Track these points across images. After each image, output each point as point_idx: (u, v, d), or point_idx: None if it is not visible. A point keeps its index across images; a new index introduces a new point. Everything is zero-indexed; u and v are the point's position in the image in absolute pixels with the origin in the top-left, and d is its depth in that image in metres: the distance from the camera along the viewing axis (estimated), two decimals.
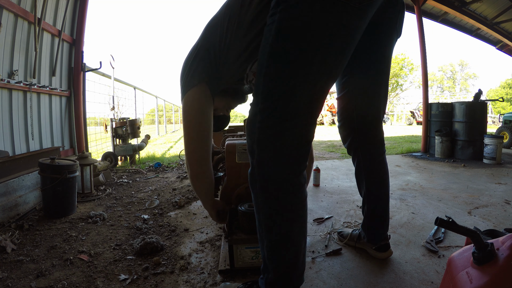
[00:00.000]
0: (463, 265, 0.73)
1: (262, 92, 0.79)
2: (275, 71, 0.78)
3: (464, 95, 27.11)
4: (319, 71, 0.77)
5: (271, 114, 0.78)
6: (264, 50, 0.80)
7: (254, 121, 0.80)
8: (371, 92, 1.17)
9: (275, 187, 0.80)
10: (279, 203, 0.81)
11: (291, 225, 0.83)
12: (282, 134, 0.77)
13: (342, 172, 3.31)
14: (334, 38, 0.76)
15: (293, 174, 0.80)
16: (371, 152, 1.24)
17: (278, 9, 0.77)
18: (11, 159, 2.18)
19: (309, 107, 0.79)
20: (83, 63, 3.53)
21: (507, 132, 5.68)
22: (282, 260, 0.85)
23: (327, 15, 0.73)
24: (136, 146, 4.15)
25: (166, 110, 13.18)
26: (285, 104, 0.77)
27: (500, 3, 5.17)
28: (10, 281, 1.18)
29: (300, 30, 0.75)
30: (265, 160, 0.79)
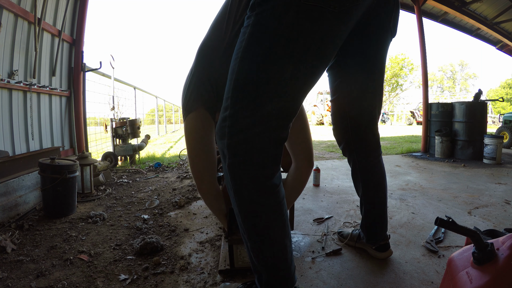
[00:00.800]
0: (463, 265, 0.73)
1: (232, 97, 0.77)
2: (245, 77, 0.76)
3: (464, 95, 27.11)
4: (291, 79, 0.75)
5: (240, 120, 0.76)
6: (236, 54, 0.78)
7: (223, 126, 0.79)
8: (365, 94, 1.16)
9: (247, 191, 0.78)
10: (254, 206, 0.80)
11: (270, 226, 0.82)
12: (251, 139, 0.75)
13: (342, 172, 3.31)
14: (308, 45, 0.73)
15: (265, 177, 0.78)
16: (367, 155, 1.24)
17: (254, 13, 0.76)
18: (11, 159, 2.18)
19: (280, 113, 0.76)
20: (83, 63, 3.53)
21: (507, 132, 5.68)
22: (268, 260, 0.84)
23: (302, 21, 0.71)
24: (136, 146, 4.15)
25: (166, 110, 13.18)
26: (255, 110, 0.75)
27: (500, 3, 5.17)
28: (10, 281, 1.18)
29: (273, 36, 0.73)
30: (236, 164, 0.77)
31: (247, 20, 0.78)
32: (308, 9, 0.70)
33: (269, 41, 0.73)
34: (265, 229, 0.82)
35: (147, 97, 8.67)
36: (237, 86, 0.77)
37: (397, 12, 1.06)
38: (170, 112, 14.78)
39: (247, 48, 0.76)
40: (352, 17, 0.78)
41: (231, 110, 0.77)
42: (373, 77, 1.13)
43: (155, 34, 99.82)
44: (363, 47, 1.07)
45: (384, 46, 1.10)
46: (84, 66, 3.56)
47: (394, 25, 1.07)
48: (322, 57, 0.78)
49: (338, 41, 0.79)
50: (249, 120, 0.75)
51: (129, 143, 4.14)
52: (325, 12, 0.71)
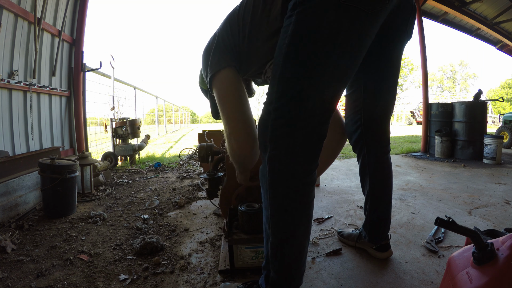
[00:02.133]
0: (463, 265, 0.73)
1: (276, 91, 0.82)
2: (290, 72, 0.80)
3: (464, 95, 27.11)
4: (332, 75, 0.79)
5: (284, 113, 0.80)
6: (280, 51, 0.82)
7: (267, 120, 0.83)
8: (380, 92, 1.18)
9: (285, 184, 0.81)
10: (288, 201, 0.82)
11: (297, 224, 0.84)
12: (294, 133, 0.79)
13: (342, 172, 3.31)
14: (347, 43, 0.78)
15: (303, 172, 0.82)
16: (377, 150, 1.25)
17: (295, 12, 0.79)
18: (11, 159, 2.18)
19: (321, 108, 0.81)
20: (83, 63, 3.53)
21: (507, 132, 5.68)
22: (285, 258, 0.85)
23: (341, 21, 0.76)
24: (136, 146, 4.15)
25: (166, 110, 13.19)
26: (298, 104, 0.79)
27: (500, 3, 5.17)
28: (10, 281, 1.18)
29: (315, 34, 0.77)
30: (277, 157, 0.81)
31: (288, 19, 0.81)
32: (346, 9, 0.75)
33: (312, 38, 0.77)
34: (292, 227, 0.84)
35: (147, 97, 8.68)
36: (282, 81, 0.81)
37: (413, 16, 1.09)
38: (170, 112, 14.78)
39: (291, 44, 0.79)
40: (380, 19, 0.83)
41: (276, 104, 0.81)
42: (389, 76, 1.16)
43: (155, 34, 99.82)
44: (382, 47, 1.09)
45: (401, 47, 1.13)
46: (84, 66, 3.56)
47: (410, 28, 1.11)
48: (357, 54, 0.82)
49: (369, 40, 0.84)
50: (293, 114, 0.79)
51: (129, 143, 4.14)
52: (360, 12, 0.76)
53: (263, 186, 0.86)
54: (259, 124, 0.87)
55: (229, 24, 1.06)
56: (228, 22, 1.06)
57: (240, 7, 1.05)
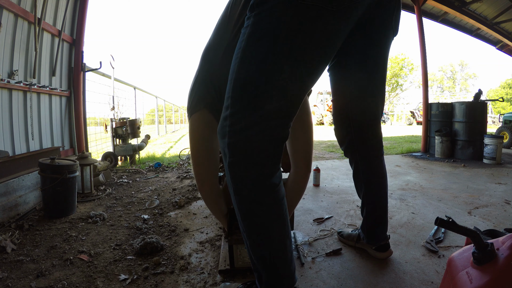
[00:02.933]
0: (463, 265, 0.73)
1: (232, 96, 0.78)
2: (245, 76, 0.77)
3: (464, 95, 27.12)
4: (290, 78, 0.75)
5: (240, 119, 0.77)
6: (236, 54, 0.79)
7: (224, 125, 0.79)
8: (368, 93, 1.15)
9: (248, 189, 0.79)
10: (254, 205, 0.80)
11: (269, 225, 0.82)
12: (251, 138, 0.76)
13: (342, 172, 3.31)
14: (306, 45, 0.74)
15: (264, 176, 0.79)
16: (369, 154, 1.23)
17: (253, 14, 0.76)
18: (11, 159, 2.18)
19: (279, 112, 0.77)
20: (83, 63, 3.53)
21: (507, 132, 5.68)
22: (267, 259, 0.84)
23: (300, 21, 0.72)
24: (136, 146, 4.15)
25: (166, 110, 13.19)
26: (254, 109, 0.76)
27: (500, 3, 5.17)
28: (10, 281, 1.18)
29: (272, 36, 0.73)
30: (236, 163, 0.78)
31: (247, 21, 0.79)
32: (306, 9, 0.71)
33: (268, 41, 0.74)
34: (264, 228, 0.82)
35: (147, 97, 8.68)
36: (237, 86, 0.78)
37: (398, 11, 1.06)
38: (170, 112, 14.78)
39: (246, 48, 0.77)
40: (351, 16, 0.78)
41: (231, 110, 0.78)
42: (375, 76, 1.13)
43: (155, 34, 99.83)
44: (364, 47, 1.06)
45: (386, 45, 1.10)
46: (84, 66, 3.56)
47: (395, 24, 1.07)
48: (320, 57, 0.78)
49: (337, 40, 0.79)
50: (248, 120, 0.76)
51: (129, 143, 4.13)
52: (323, 11, 0.72)
53: (230, 192, 0.84)
54: (217, 130, 0.84)
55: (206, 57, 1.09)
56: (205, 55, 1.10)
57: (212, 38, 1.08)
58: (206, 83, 1.07)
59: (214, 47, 1.06)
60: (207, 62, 1.08)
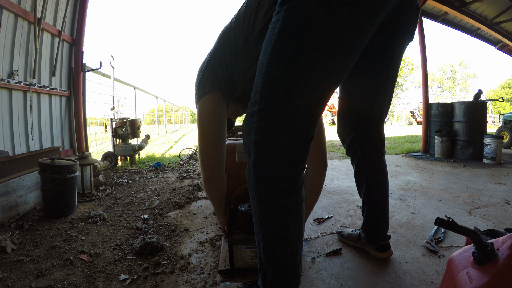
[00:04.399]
0: (463, 265, 0.73)
1: (261, 92, 0.77)
2: (275, 72, 0.75)
3: (464, 95, 27.13)
4: (321, 75, 0.74)
5: (269, 115, 0.75)
6: (265, 49, 0.78)
7: (251, 122, 0.78)
8: (377, 94, 1.15)
9: (271, 188, 0.78)
10: (275, 204, 0.79)
11: (287, 227, 0.81)
12: (279, 136, 0.75)
13: (342, 172, 3.31)
14: (338, 41, 0.73)
15: (289, 175, 0.78)
16: (371, 153, 1.23)
17: (283, 8, 0.75)
18: (11, 159, 2.18)
19: (308, 110, 0.76)
20: (83, 63, 3.53)
21: (507, 132, 5.68)
22: (278, 261, 0.84)
23: (333, 17, 0.71)
24: (136, 146, 4.15)
25: (166, 110, 13.19)
26: (283, 106, 0.74)
27: (500, 3, 5.17)
28: (10, 281, 1.18)
29: (304, 31, 0.72)
30: (262, 161, 0.77)
31: (276, 15, 0.77)
32: (338, 5, 0.70)
33: (300, 36, 0.72)
34: (281, 230, 0.81)
35: (147, 97, 8.69)
36: (266, 81, 0.76)
37: (417, 17, 1.05)
38: (170, 112, 14.78)
39: (277, 42, 0.75)
40: (379, 16, 0.77)
41: (260, 105, 0.76)
42: (386, 78, 1.12)
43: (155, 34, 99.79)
44: (381, 48, 1.06)
45: (401, 49, 1.09)
46: (84, 66, 3.56)
47: (413, 29, 1.07)
48: (350, 53, 0.77)
49: (365, 39, 0.79)
50: (277, 116, 0.74)
51: (129, 143, 4.14)
52: (354, 9, 0.71)
53: (251, 191, 0.82)
54: (243, 126, 0.83)
55: (222, 41, 1.06)
56: (220, 39, 1.06)
57: (231, 23, 1.04)
58: (221, 66, 1.03)
59: (234, 33, 1.02)
60: (222, 46, 1.04)
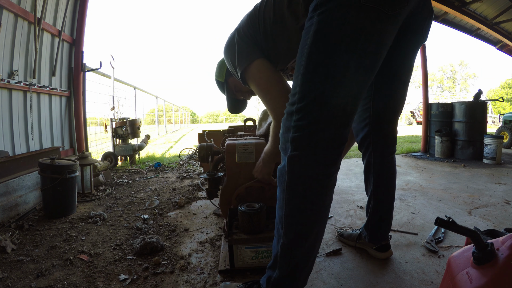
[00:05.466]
0: (463, 265, 0.73)
1: (299, 92, 0.81)
2: (312, 73, 0.80)
3: (464, 95, 27.10)
4: (354, 75, 0.79)
5: (307, 114, 0.80)
6: (302, 52, 0.83)
7: (290, 120, 0.83)
8: (392, 92, 1.18)
9: (303, 186, 0.81)
10: (304, 202, 0.82)
11: (311, 227, 0.83)
12: (315, 135, 0.79)
13: (342, 172, 3.31)
14: (369, 44, 0.78)
15: (323, 174, 0.81)
16: (383, 149, 1.25)
17: (316, 13, 0.80)
18: (11, 159, 2.18)
19: (344, 110, 0.80)
20: (83, 63, 3.53)
21: (507, 132, 5.68)
22: (294, 260, 0.85)
23: (363, 22, 0.76)
24: (136, 146, 4.15)
25: (166, 110, 13.19)
26: (321, 106, 0.78)
27: (500, 3, 5.17)
28: (10, 281, 1.18)
29: (336, 35, 0.77)
30: (297, 158, 0.80)
31: (310, 20, 0.82)
32: (367, 10, 0.75)
33: (333, 38, 0.77)
34: (305, 229, 0.83)
35: (147, 97, 8.69)
36: (305, 81, 0.81)
37: (431, 20, 1.09)
38: (170, 112, 14.78)
39: (313, 44, 0.80)
40: (399, 20, 0.83)
41: (299, 105, 0.81)
42: (402, 78, 1.15)
43: (155, 34, 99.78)
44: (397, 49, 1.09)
45: (415, 50, 1.13)
46: (84, 66, 3.56)
47: (426, 31, 1.10)
48: (378, 55, 0.82)
49: (390, 41, 0.84)
50: (315, 115, 0.79)
51: (129, 143, 4.14)
52: (381, 14, 0.77)
53: (280, 186, 0.85)
54: (282, 124, 0.87)
55: (251, 21, 1.11)
56: (249, 18, 1.11)
57: (261, 5, 1.09)
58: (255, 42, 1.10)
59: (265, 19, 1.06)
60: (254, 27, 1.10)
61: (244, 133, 1.93)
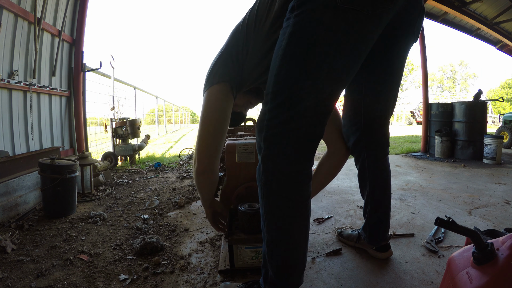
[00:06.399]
0: (463, 265, 0.73)
1: (271, 92, 0.83)
2: (285, 73, 0.81)
3: (464, 95, 27.10)
4: (327, 77, 0.79)
5: (278, 114, 0.81)
6: (277, 53, 0.84)
7: (262, 120, 0.84)
8: (383, 94, 1.17)
9: (277, 183, 0.82)
10: (281, 199, 0.83)
11: (291, 222, 0.84)
12: (286, 134, 0.80)
13: (342, 172, 3.31)
14: (343, 45, 0.78)
15: (295, 171, 0.82)
16: (377, 152, 1.24)
17: (293, 14, 0.80)
18: (11, 159, 2.18)
19: (316, 110, 0.81)
20: (83, 63, 3.53)
21: (507, 132, 5.68)
22: (281, 257, 0.86)
23: (338, 23, 0.76)
24: (136, 146, 4.15)
25: (166, 110, 13.19)
26: (292, 105, 0.80)
27: (500, 3, 5.17)
28: (10, 281, 1.18)
29: (311, 36, 0.78)
30: (270, 156, 0.82)
31: (286, 21, 0.83)
32: (343, 12, 0.75)
33: (308, 40, 0.78)
34: (286, 224, 0.85)
35: (147, 97, 8.68)
36: (277, 82, 0.82)
37: (422, 18, 1.08)
38: (170, 112, 14.78)
39: (287, 46, 0.81)
40: (383, 20, 0.82)
41: (270, 105, 0.83)
42: (391, 78, 1.14)
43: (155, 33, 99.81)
44: (387, 49, 1.08)
45: (406, 49, 1.12)
46: (84, 66, 3.56)
47: (417, 30, 1.09)
48: (355, 56, 0.82)
49: (371, 42, 0.84)
50: (286, 115, 0.80)
51: (129, 143, 4.14)
52: (359, 15, 0.76)
53: (259, 185, 0.87)
54: (256, 124, 0.88)
55: (234, 37, 1.09)
56: (233, 35, 1.10)
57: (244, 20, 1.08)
58: (232, 61, 1.07)
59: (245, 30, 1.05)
60: (235, 42, 1.08)
61: (244, 133, 1.93)
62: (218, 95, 1.06)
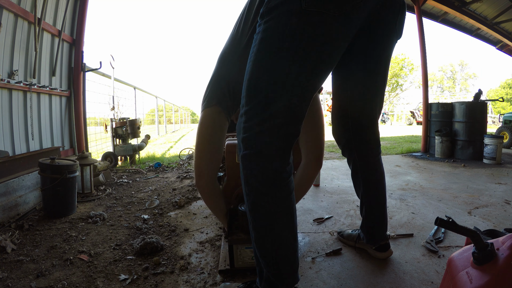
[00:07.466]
0: (463, 265, 0.73)
1: (245, 96, 0.86)
2: (256, 78, 0.84)
3: (464, 95, 27.10)
4: (296, 79, 0.81)
5: (252, 116, 0.84)
6: (250, 57, 0.87)
7: (240, 122, 0.88)
8: (368, 94, 1.17)
9: (256, 181, 0.84)
10: (261, 196, 0.85)
11: (274, 218, 0.86)
12: (262, 134, 0.83)
13: (342, 172, 3.31)
14: (311, 48, 0.80)
15: (273, 168, 0.84)
16: (368, 153, 1.24)
17: (263, 21, 0.83)
18: (11, 159, 2.18)
19: (288, 111, 0.82)
20: (83, 63, 3.53)
21: (507, 132, 5.68)
22: (269, 253, 0.87)
23: (303, 26, 0.78)
24: (136, 146, 4.15)
25: (166, 110, 13.18)
26: (264, 108, 0.82)
27: (500, 3, 5.17)
28: (10, 281, 1.18)
29: (278, 41, 0.80)
30: (247, 156, 0.84)
31: (258, 27, 0.86)
32: (309, 15, 0.77)
33: (276, 45, 0.81)
34: (269, 221, 0.86)
35: (147, 97, 8.68)
36: (250, 86, 0.85)
37: (403, 14, 1.07)
38: (170, 112, 14.77)
39: (258, 52, 0.84)
40: (353, 19, 0.82)
41: (245, 108, 0.86)
42: (376, 78, 1.14)
43: (155, 33, 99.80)
44: (367, 48, 1.08)
45: (389, 47, 1.11)
46: (84, 66, 3.56)
47: (399, 27, 1.09)
48: (325, 58, 0.83)
49: (342, 42, 0.84)
50: (260, 117, 0.83)
51: (129, 143, 4.13)
52: (325, 17, 0.77)
53: (242, 184, 0.90)
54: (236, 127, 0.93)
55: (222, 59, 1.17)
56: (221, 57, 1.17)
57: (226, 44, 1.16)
58: (220, 84, 1.15)
59: (230, 51, 1.14)
60: (224, 65, 1.16)
61: None
62: (208, 120, 1.16)
